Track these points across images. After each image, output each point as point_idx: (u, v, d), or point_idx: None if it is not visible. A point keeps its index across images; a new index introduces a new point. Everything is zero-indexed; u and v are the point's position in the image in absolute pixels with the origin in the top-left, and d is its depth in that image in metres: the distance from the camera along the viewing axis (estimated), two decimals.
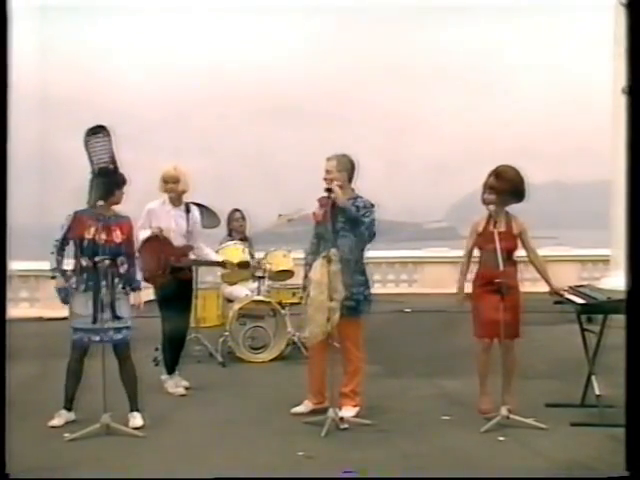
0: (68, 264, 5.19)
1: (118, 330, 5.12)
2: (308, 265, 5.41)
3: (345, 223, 5.28)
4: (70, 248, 5.16)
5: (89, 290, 5.06)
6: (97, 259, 5.00)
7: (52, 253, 5.11)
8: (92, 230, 5.05)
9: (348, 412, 5.25)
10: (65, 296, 5.12)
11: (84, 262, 5.07)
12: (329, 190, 5.24)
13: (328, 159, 5.41)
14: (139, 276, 5.27)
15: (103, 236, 5.04)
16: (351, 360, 5.40)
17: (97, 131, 5.41)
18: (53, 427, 5.09)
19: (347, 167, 5.41)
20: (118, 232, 5.13)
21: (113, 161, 5.34)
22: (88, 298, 5.06)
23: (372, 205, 5.36)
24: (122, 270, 5.14)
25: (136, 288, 5.25)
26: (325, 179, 5.36)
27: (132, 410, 5.20)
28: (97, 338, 5.09)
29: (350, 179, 5.43)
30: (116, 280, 5.10)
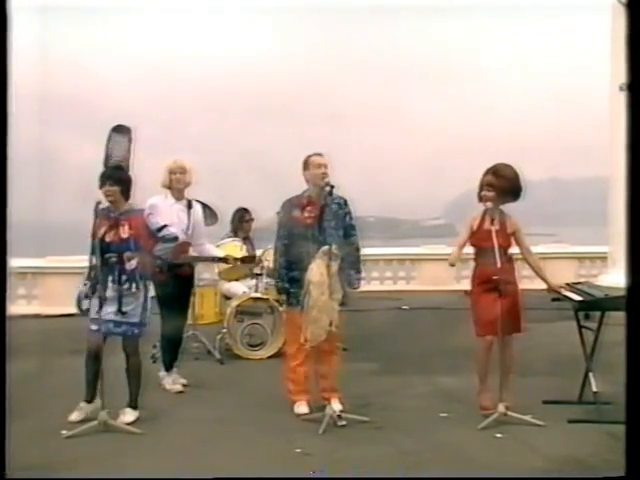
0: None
1: (118, 324, 5.08)
2: (284, 269, 5.41)
3: (332, 221, 5.32)
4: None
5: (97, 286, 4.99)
6: (106, 256, 4.97)
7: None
8: (103, 228, 5.04)
9: (338, 406, 5.22)
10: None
11: (94, 260, 4.98)
12: (332, 187, 5.23)
13: (322, 155, 5.45)
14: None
15: (112, 233, 5.02)
16: (334, 353, 5.41)
17: (121, 130, 5.45)
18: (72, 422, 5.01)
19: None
20: (126, 227, 5.07)
21: (126, 161, 5.37)
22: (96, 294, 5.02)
23: (346, 201, 5.47)
24: (129, 267, 5.05)
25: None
26: (324, 174, 5.35)
27: (129, 406, 5.20)
28: (95, 327, 5.04)
29: None
30: (123, 277, 5.06)
